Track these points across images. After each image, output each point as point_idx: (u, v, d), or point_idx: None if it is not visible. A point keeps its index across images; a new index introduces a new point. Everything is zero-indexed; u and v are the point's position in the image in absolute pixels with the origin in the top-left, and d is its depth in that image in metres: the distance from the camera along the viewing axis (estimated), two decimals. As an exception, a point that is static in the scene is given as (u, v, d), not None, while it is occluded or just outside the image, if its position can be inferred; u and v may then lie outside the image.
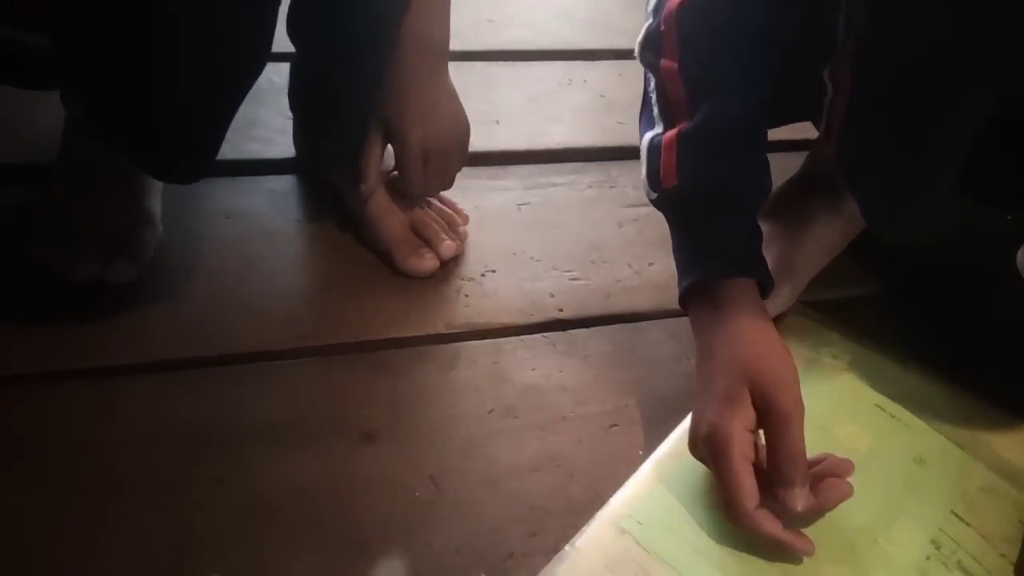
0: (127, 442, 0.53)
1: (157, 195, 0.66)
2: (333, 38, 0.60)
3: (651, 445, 0.56)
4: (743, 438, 0.49)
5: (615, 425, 0.58)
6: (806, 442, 0.51)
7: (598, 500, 0.52)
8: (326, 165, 0.70)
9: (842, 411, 0.60)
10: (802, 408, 0.49)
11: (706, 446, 0.50)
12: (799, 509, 0.48)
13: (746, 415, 0.49)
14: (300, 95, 0.70)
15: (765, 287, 0.56)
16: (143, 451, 0.53)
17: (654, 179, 0.57)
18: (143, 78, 0.50)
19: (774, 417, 0.49)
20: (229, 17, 0.48)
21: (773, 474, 0.48)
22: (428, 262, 0.66)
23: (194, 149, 0.56)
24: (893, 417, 0.60)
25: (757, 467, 0.49)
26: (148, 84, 0.51)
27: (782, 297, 0.66)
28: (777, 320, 0.66)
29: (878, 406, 0.60)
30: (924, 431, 0.59)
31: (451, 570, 0.48)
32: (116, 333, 0.59)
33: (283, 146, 0.76)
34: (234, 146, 0.76)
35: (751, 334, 0.52)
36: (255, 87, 0.82)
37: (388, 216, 0.67)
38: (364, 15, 0.57)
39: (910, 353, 0.65)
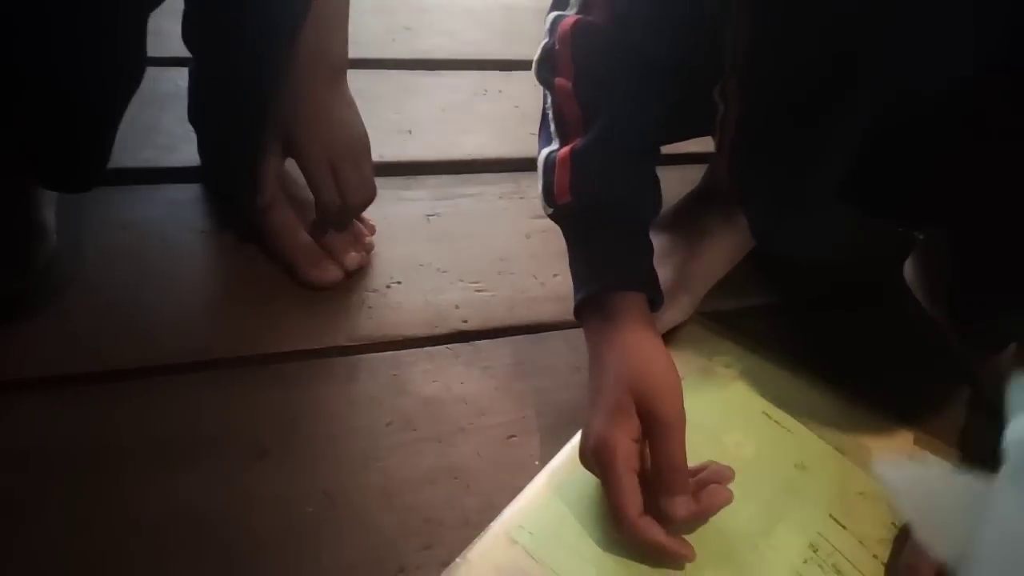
0: (2, 460, 0.51)
1: (51, 205, 0.64)
2: (225, 49, 0.59)
3: (547, 456, 0.57)
4: (628, 448, 0.50)
5: (513, 436, 0.59)
6: (696, 450, 0.53)
7: (493, 511, 0.53)
8: (224, 176, 0.69)
9: (730, 419, 0.62)
10: (683, 419, 0.51)
11: (593, 456, 0.51)
12: (681, 516, 0.49)
13: (631, 426, 0.51)
14: (196, 105, 0.69)
15: (655, 301, 0.58)
16: (19, 470, 0.51)
17: (549, 195, 0.58)
18: (16, 81, 0.49)
19: (657, 427, 0.50)
20: (101, 20, 0.47)
21: (656, 483, 0.50)
22: (331, 274, 0.66)
23: (80, 157, 0.55)
24: (779, 424, 0.62)
25: (643, 476, 0.51)
26: (22, 88, 0.49)
27: (680, 307, 0.68)
28: (675, 330, 0.68)
29: (765, 413, 0.63)
30: (807, 437, 0.61)
31: (339, 584, 0.49)
32: (1, 346, 0.57)
33: (186, 153, 0.75)
34: (133, 154, 0.74)
35: (638, 346, 0.53)
36: (156, 92, 0.82)
37: (289, 228, 0.66)
38: (255, 28, 0.57)
39: (801, 362, 0.67)
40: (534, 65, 0.61)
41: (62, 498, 0.50)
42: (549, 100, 0.60)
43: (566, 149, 0.57)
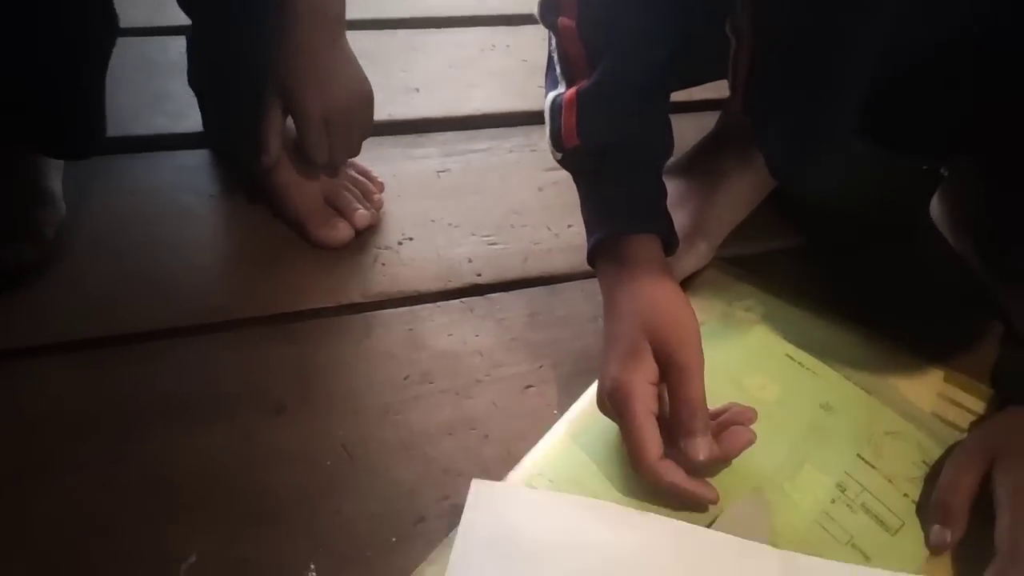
0: (25, 424, 0.52)
1: (57, 174, 0.64)
2: (221, 7, 0.58)
3: (565, 405, 0.56)
4: (645, 391, 0.49)
5: (530, 387, 0.58)
6: (718, 394, 0.52)
7: (511, 461, 0.52)
8: (228, 139, 0.68)
9: (753, 362, 0.60)
10: (701, 360, 0.50)
11: (610, 401, 0.50)
12: (702, 458, 0.48)
13: (648, 369, 0.50)
14: (196, 69, 0.69)
15: (670, 244, 0.56)
16: (39, 433, 0.51)
17: (557, 140, 0.56)
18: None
19: (674, 369, 0.49)
20: None
21: (675, 425, 0.49)
22: (341, 232, 0.66)
23: (66, 121, 0.55)
24: (802, 366, 0.61)
25: (662, 421, 0.50)
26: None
27: (698, 253, 0.66)
28: (694, 276, 0.67)
29: (788, 356, 0.61)
30: (832, 378, 0.60)
31: (360, 536, 0.48)
32: (16, 315, 0.58)
33: (194, 120, 0.74)
34: (142, 121, 0.74)
35: (653, 289, 0.52)
36: (164, 61, 0.82)
37: (296, 187, 0.66)
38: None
39: (824, 304, 0.65)
40: (537, 7, 0.59)
41: (82, 459, 0.50)
42: (554, 42, 0.58)
43: (572, 91, 0.55)
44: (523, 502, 0.49)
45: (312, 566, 0.46)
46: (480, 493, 0.48)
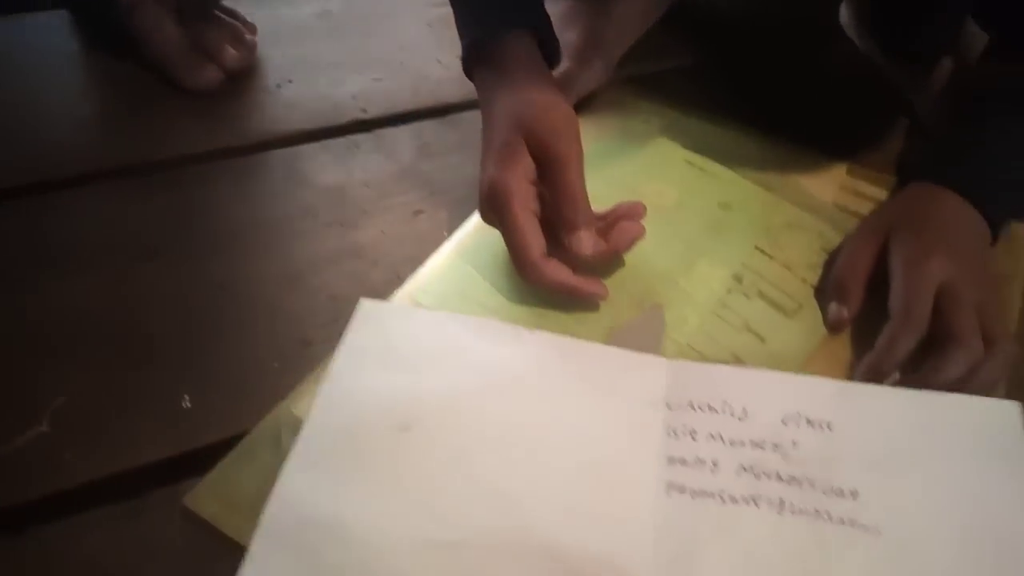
0: None
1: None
2: None
3: (456, 227, 0.54)
4: (523, 189, 0.47)
5: (420, 212, 0.56)
6: (613, 203, 0.50)
7: (399, 282, 0.50)
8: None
9: (651, 172, 0.58)
10: (578, 152, 0.47)
11: (489, 204, 0.48)
12: (586, 252, 0.47)
13: (524, 166, 0.47)
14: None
15: (548, 45, 0.53)
16: None
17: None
18: None
19: (551, 162, 0.47)
20: None
21: (558, 222, 0.47)
22: (210, 74, 0.61)
23: None
24: (702, 170, 0.59)
25: (547, 224, 0.48)
26: None
27: (594, 71, 0.63)
28: (591, 96, 0.64)
29: (688, 162, 0.59)
30: (732, 179, 0.58)
31: (239, 365, 0.46)
32: None
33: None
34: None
35: (526, 86, 0.49)
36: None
37: (159, 31, 0.61)
38: None
39: (728, 114, 0.63)
40: None
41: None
42: None
43: None
44: (409, 319, 0.47)
45: (186, 396, 0.44)
46: (366, 311, 0.46)
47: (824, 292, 0.51)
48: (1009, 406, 0.41)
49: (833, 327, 0.49)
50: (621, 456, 0.40)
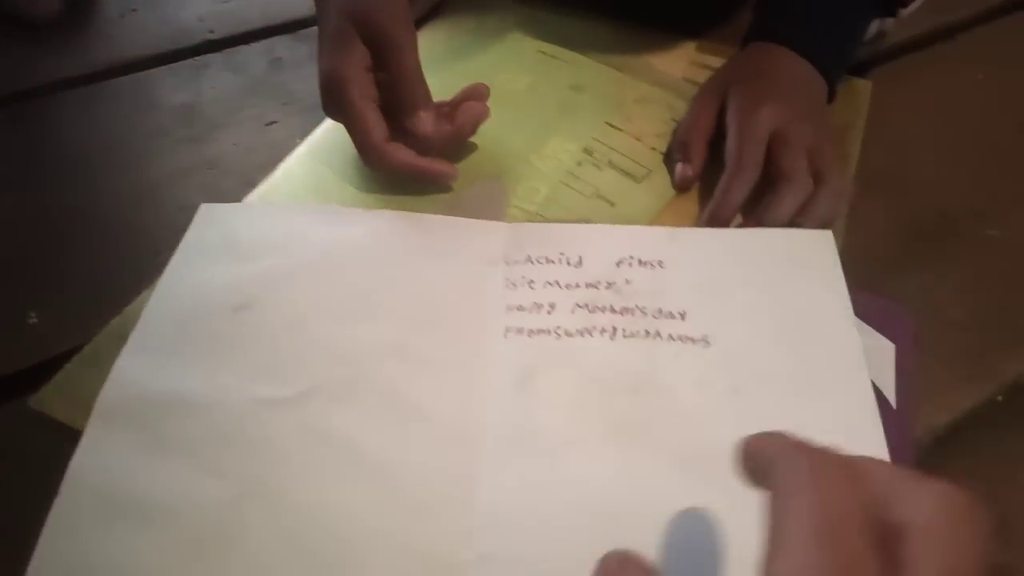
0: None
1: None
2: None
3: (310, 133, 0.54)
4: (359, 76, 0.46)
5: (273, 122, 0.55)
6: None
7: (252, 187, 0.50)
8: None
9: (505, 63, 0.59)
10: (412, 34, 0.47)
11: (327, 97, 0.47)
12: (428, 131, 0.47)
13: (358, 53, 0.46)
14: None
15: None
16: None
17: None
18: None
19: (384, 47, 0.46)
20: None
21: (397, 105, 0.47)
22: (49, 3, 0.59)
23: None
24: (554, 58, 0.59)
25: (389, 111, 0.48)
26: None
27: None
28: (444, 4, 0.64)
29: (541, 52, 0.60)
30: (584, 63, 0.59)
31: (93, 278, 0.46)
32: None
33: None
34: None
35: (354, -27, 0.49)
36: None
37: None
38: None
39: (579, 6, 0.64)
40: None
41: None
42: None
43: None
44: (250, 213, 0.47)
45: (32, 312, 0.44)
46: (205, 212, 0.46)
47: (671, 156, 0.52)
48: (824, 234, 0.44)
49: (680, 185, 0.50)
50: (460, 310, 0.41)
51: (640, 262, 0.42)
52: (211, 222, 0.45)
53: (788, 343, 0.38)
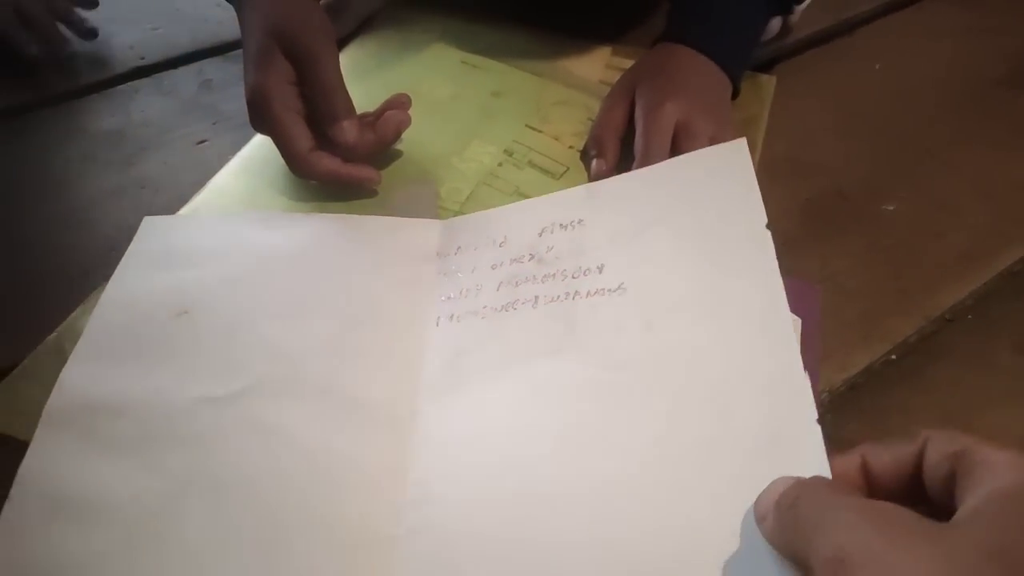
0: None
1: None
2: None
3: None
4: (282, 90, 0.48)
5: (203, 141, 0.57)
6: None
7: (184, 203, 0.52)
8: None
9: (428, 72, 0.61)
10: (331, 47, 0.49)
11: (253, 111, 0.49)
12: (351, 140, 0.49)
13: (281, 68, 0.49)
14: None
15: None
16: None
17: None
18: None
19: (305, 60, 0.48)
20: None
21: (320, 117, 0.49)
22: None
23: None
24: (476, 67, 0.62)
25: (314, 123, 0.50)
26: None
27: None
28: (372, 15, 0.66)
29: (464, 62, 0.62)
30: (504, 71, 0.62)
31: (23, 299, 0.47)
32: None
33: None
34: None
35: (275, -3, 0.51)
36: None
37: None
38: None
39: (499, 19, 0.67)
40: None
41: None
42: None
43: None
44: (189, 225, 0.49)
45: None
46: (148, 224, 0.48)
47: (587, 153, 0.55)
48: (738, 143, 0.45)
49: (595, 179, 0.52)
50: (395, 305, 0.43)
51: (560, 226, 0.45)
52: (153, 234, 0.47)
53: (701, 268, 0.40)
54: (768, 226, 0.40)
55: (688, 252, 0.41)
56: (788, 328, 0.36)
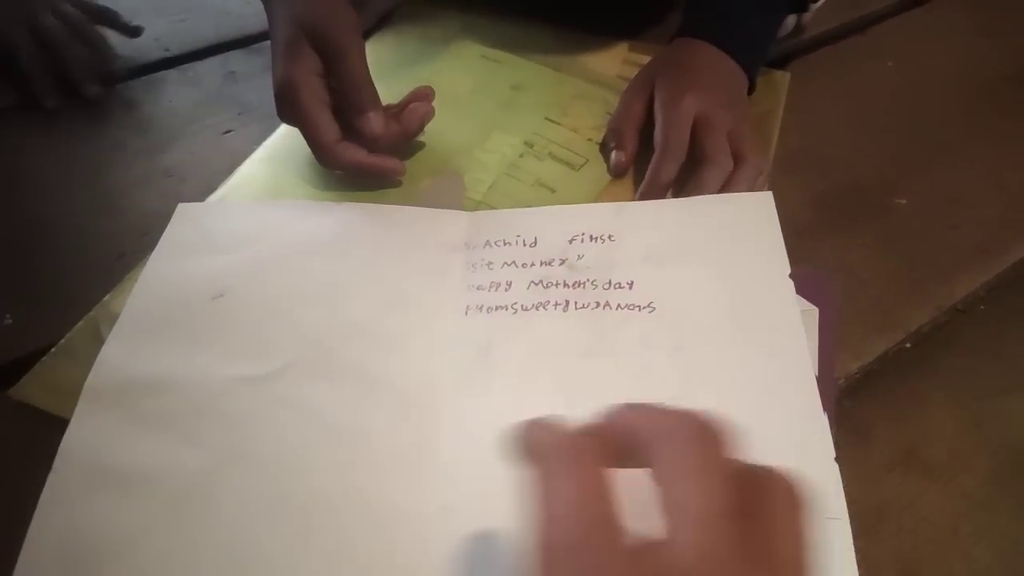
0: None
1: None
2: None
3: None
4: (310, 81, 0.49)
5: (229, 131, 0.58)
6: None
7: (211, 193, 0.53)
8: None
9: (448, 66, 0.62)
10: (359, 40, 0.50)
11: (281, 103, 0.50)
12: (377, 131, 0.50)
13: (309, 61, 0.50)
14: None
15: None
16: None
17: None
18: None
19: (333, 54, 0.50)
20: None
21: (347, 109, 0.50)
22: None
23: None
24: (496, 61, 0.63)
25: (341, 115, 0.51)
26: None
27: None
28: (392, 11, 0.67)
29: (484, 56, 0.63)
30: (523, 65, 0.63)
31: (57, 280, 0.48)
32: None
33: None
34: None
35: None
36: None
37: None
38: None
39: (521, 13, 0.68)
40: None
41: None
42: None
43: None
44: (224, 211, 0.50)
45: (7, 315, 0.46)
46: (183, 211, 0.49)
47: (606, 145, 0.56)
48: (764, 195, 0.47)
49: (615, 171, 0.54)
50: (425, 292, 0.44)
51: (591, 238, 0.46)
52: (187, 220, 0.48)
53: (727, 303, 0.42)
54: (791, 275, 0.42)
55: (716, 286, 0.43)
56: (810, 376, 0.38)
